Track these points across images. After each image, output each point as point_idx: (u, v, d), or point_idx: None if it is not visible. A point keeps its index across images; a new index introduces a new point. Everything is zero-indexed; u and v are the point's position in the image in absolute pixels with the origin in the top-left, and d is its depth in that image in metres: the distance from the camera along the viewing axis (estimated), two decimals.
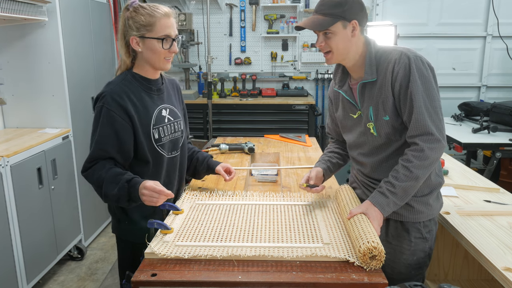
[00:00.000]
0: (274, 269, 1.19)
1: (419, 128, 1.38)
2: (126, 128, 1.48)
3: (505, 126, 3.31)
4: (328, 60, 1.51)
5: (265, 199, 1.71)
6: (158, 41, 1.48)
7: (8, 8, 2.43)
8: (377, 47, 1.51)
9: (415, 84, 1.38)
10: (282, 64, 4.81)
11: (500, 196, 2.02)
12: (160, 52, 1.50)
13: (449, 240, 1.90)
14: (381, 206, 1.38)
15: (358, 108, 1.55)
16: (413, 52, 1.43)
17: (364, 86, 1.50)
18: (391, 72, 1.42)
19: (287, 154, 2.54)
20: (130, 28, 1.49)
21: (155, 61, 1.53)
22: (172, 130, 1.64)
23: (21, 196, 2.43)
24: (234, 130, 4.27)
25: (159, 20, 1.48)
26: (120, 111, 1.47)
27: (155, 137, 1.56)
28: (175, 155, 1.67)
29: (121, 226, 1.64)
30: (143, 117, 1.52)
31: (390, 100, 1.44)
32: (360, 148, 1.59)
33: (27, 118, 2.99)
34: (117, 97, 1.47)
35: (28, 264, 2.48)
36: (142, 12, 1.48)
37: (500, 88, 4.68)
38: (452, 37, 4.56)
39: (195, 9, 4.68)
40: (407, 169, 1.37)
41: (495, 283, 1.89)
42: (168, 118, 1.62)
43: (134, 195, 1.42)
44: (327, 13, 1.43)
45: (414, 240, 1.53)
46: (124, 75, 1.56)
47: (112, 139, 1.47)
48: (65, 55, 2.89)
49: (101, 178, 1.46)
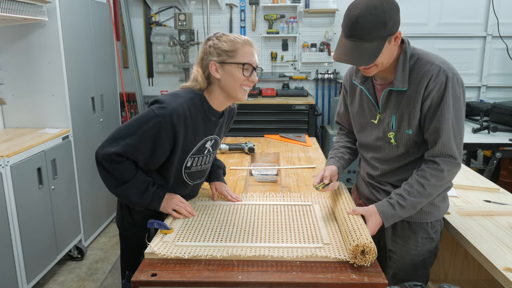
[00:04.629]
0: (274, 269, 1.19)
1: (444, 150, 1.34)
2: (166, 148, 1.44)
3: (505, 126, 3.31)
4: (368, 73, 1.38)
5: (265, 199, 1.71)
6: (239, 67, 1.43)
7: (8, 8, 2.43)
8: (413, 50, 1.40)
9: (447, 105, 1.32)
10: (282, 64, 4.81)
11: (500, 196, 2.02)
12: (239, 79, 1.43)
13: (449, 240, 1.90)
14: (385, 216, 1.37)
15: (379, 111, 1.47)
16: (452, 69, 1.35)
17: (390, 92, 1.42)
18: (425, 86, 1.34)
19: (287, 154, 2.54)
20: (210, 55, 1.45)
21: (232, 89, 1.45)
22: (205, 161, 1.60)
23: (21, 196, 2.43)
24: (234, 130, 4.27)
25: (242, 46, 1.44)
26: (170, 132, 1.40)
27: (187, 165, 1.53)
28: (198, 182, 1.66)
29: (124, 223, 1.63)
30: (187, 144, 1.48)
31: (417, 114, 1.37)
32: (375, 153, 1.54)
33: (27, 118, 2.99)
34: (175, 118, 1.39)
35: (28, 264, 2.48)
36: (224, 40, 1.45)
37: (500, 88, 4.68)
38: (452, 37, 4.56)
39: (195, 9, 4.68)
40: (422, 186, 1.36)
41: (495, 283, 1.89)
42: (208, 149, 1.58)
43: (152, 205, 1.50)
44: (373, 37, 1.26)
45: (421, 241, 1.52)
46: (194, 95, 1.47)
47: (147, 150, 1.42)
48: (65, 55, 2.89)
49: (126, 177, 1.45)
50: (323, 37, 4.71)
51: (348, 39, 1.29)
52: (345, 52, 1.30)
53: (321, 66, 4.78)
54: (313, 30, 4.71)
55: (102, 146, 1.43)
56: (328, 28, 4.67)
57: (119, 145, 1.40)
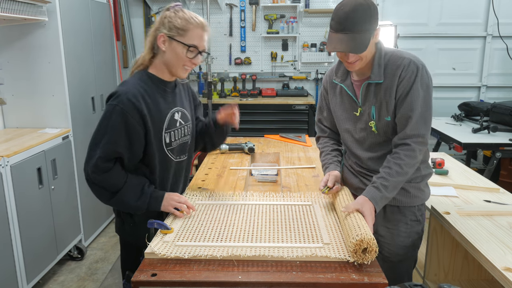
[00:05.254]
0: (274, 269, 1.19)
1: (414, 132, 1.49)
2: (138, 130, 1.46)
3: (505, 126, 3.31)
4: (353, 67, 1.51)
5: (265, 199, 1.71)
6: (184, 47, 1.46)
7: (8, 8, 2.43)
8: (386, 49, 1.55)
9: (417, 92, 1.48)
10: (282, 64, 4.81)
11: (500, 196, 2.02)
12: (182, 59, 1.48)
13: (449, 240, 1.90)
14: (375, 200, 1.45)
15: (359, 105, 1.60)
16: (421, 61, 1.51)
17: (368, 86, 1.56)
18: (398, 76, 1.49)
19: (287, 154, 2.54)
20: (163, 26, 1.47)
21: (174, 66, 1.50)
22: (182, 134, 1.63)
23: (21, 196, 2.43)
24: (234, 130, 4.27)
25: (194, 28, 1.46)
26: (134, 113, 1.43)
27: (166, 141, 1.55)
28: (183, 159, 1.67)
29: (125, 228, 1.62)
30: (156, 121, 1.50)
31: (393, 102, 1.52)
32: (359, 144, 1.66)
33: (27, 118, 2.99)
34: (132, 98, 1.43)
35: (28, 264, 2.48)
36: (180, 16, 1.47)
37: (500, 88, 4.68)
38: (452, 37, 4.55)
39: (195, 9, 4.68)
40: (399, 166, 1.48)
41: (495, 283, 1.89)
42: (180, 121, 1.61)
43: (154, 206, 1.50)
44: (363, 29, 1.42)
45: (410, 223, 1.65)
46: (140, 74, 1.53)
47: (123, 140, 1.44)
48: (65, 55, 2.89)
49: (118, 184, 1.46)
50: (323, 37, 4.71)
51: (340, 33, 1.43)
52: (340, 43, 1.43)
53: (321, 66, 4.79)
54: (313, 30, 4.71)
55: (86, 162, 1.47)
56: (328, 28, 4.67)
57: (98, 150, 1.43)
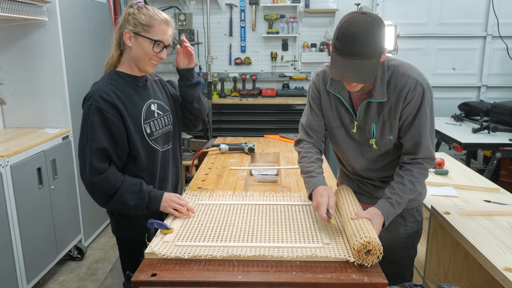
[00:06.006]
0: (274, 269, 1.19)
1: (426, 154, 1.47)
2: (118, 125, 1.48)
3: (505, 126, 3.31)
4: (354, 89, 1.41)
5: (265, 199, 1.71)
6: (150, 42, 1.50)
7: (8, 8, 2.43)
8: (387, 63, 1.45)
9: (425, 115, 1.44)
10: (282, 64, 4.81)
11: (500, 196, 2.02)
12: (149, 53, 1.51)
13: (449, 240, 1.90)
14: (387, 215, 1.43)
15: (356, 119, 1.53)
16: (425, 80, 1.44)
17: (369, 103, 1.48)
18: (403, 98, 1.42)
19: (287, 154, 2.54)
20: (127, 23, 1.51)
21: (141, 61, 1.53)
22: (163, 124, 1.65)
23: (21, 196, 2.43)
24: (234, 130, 4.27)
25: (159, 24, 1.50)
26: (110, 109, 1.46)
27: (147, 132, 1.57)
28: (167, 148, 1.69)
29: (120, 226, 1.64)
30: (133, 113, 1.53)
31: (397, 123, 1.48)
32: (355, 156, 1.62)
33: (27, 118, 2.99)
34: (105, 95, 1.46)
35: (28, 264, 2.48)
36: (144, 12, 1.50)
37: (500, 88, 4.68)
38: (452, 37, 4.55)
39: (195, 9, 4.68)
40: (413, 184, 1.46)
41: (495, 283, 1.89)
42: (157, 112, 1.64)
43: (152, 206, 1.51)
44: (372, 54, 1.28)
45: (409, 225, 1.65)
46: (109, 74, 1.56)
47: (106, 136, 1.46)
48: (65, 55, 2.89)
49: (116, 184, 1.47)
50: (323, 37, 4.71)
51: (348, 58, 1.29)
52: (347, 70, 1.31)
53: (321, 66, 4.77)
54: (313, 30, 4.71)
55: (81, 171, 1.47)
56: (328, 28, 4.67)
57: (87, 153, 1.44)
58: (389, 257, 1.66)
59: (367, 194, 1.69)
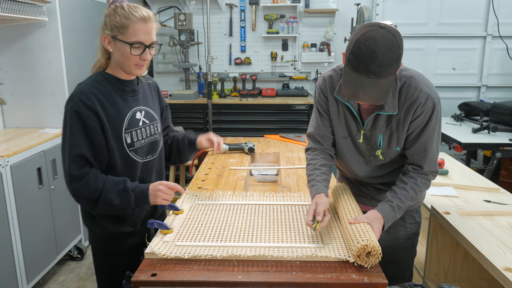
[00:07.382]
0: (274, 269, 1.19)
1: (431, 167, 1.48)
2: (96, 128, 1.40)
3: (505, 126, 3.31)
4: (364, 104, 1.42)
5: (265, 199, 1.71)
6: (128, 46, 1.39)
7: (8, 8, 2.43)
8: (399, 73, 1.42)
9: (433, 129, 1.44)
10: (282, 64, 4.81)
11: (500, 196, 2.02)
12: (130, 58, 1.41)
13: (449, 240, 1.90)
14: (387, 219, 1.42)
15: (362, 128, 1.51)
16: (436, 93, 1.42)
17: (378, 115, 1.46)
18: (413, 111, 1.41)
19: (287, 154, 2.54)
20: (105, 26, 1.41)
21: (125, 66, 1.44)
22: (148, 134, 1.55)
23: (21, 196, 2.43)
24: (234, 130, 4.27)
25: (134, 24, 1.38)
26: (88, 112, 1.38)
27: (127, 142, 1.47)
28: (150, 159, 1.58)
29: (93, 235, 1.58)
30: (114, 121, 1.44)
31: (404, 135, 1.47)
32: (359, 165, 1.61)
33: (27, 118, 2.99)
34: (84, 98, 1.39)
35: (28, 264, 2.48)
36: (119, 13, 1.39)
37: (500, 88, 4.68)
38: (452, 37, 4.55)
39: (195, 9, 4.68)
40: (415, 192, 1.47)
41: (495, 283, 1.89)
42: (143, 121, 1.53)
43: (141, 201, 1.44)
44: (388, 73, 1.24)
45: (409, 226, 1.66)
46: (95, 76, 1.48)
47: (84, 141, 1.39)
48: (65, 55, 2.90)
49: (98, 185, 1.40)
50: (323, 37, 4.71)
51: (364, 75, 1.23)
52: (361, 90, 1.26)
53: (321, 66, 4.78)
54: (313, 30, 4.71)
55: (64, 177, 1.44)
56: (328, 28, 4.68)
57: (67, 158, 1.41)
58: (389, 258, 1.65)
59: (367, 196, 1.68)
